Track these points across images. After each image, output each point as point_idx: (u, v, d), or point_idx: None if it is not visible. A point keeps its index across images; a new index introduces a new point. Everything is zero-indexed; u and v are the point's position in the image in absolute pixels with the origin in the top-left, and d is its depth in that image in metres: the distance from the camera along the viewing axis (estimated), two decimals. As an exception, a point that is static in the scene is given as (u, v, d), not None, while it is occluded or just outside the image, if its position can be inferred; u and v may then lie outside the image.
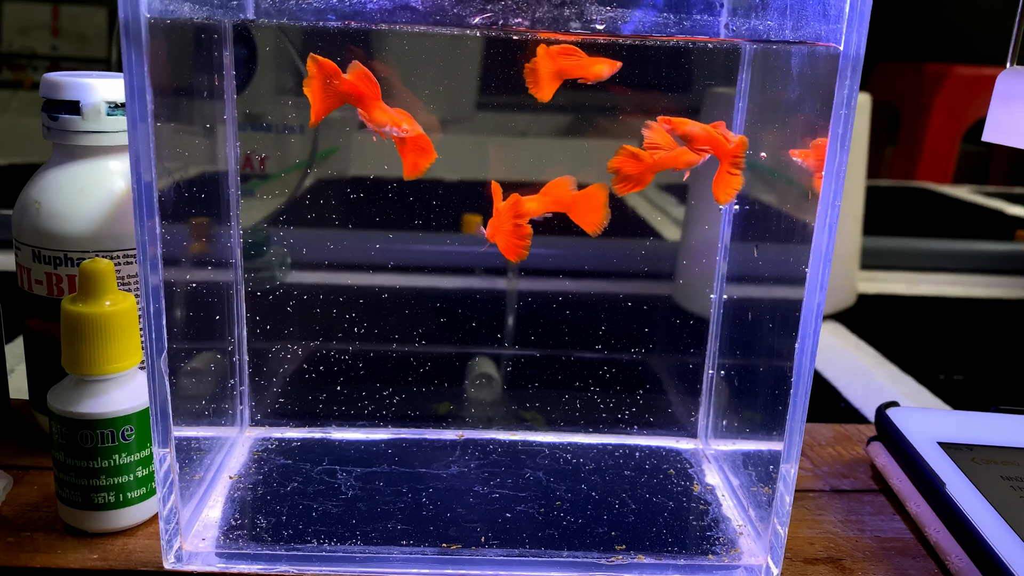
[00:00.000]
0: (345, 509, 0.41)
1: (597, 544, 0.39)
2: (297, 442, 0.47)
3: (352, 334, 0.48)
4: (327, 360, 0.48)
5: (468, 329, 0.49)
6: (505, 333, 0.50)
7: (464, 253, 0.49)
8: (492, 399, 0.50)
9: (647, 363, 0.50)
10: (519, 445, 0.48)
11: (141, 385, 0.39)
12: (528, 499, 0.42)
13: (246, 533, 0.39)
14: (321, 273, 0.48)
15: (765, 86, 0.42)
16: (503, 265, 0.49)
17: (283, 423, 0.48)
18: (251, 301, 0.47)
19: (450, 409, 0.50)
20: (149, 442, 0.39)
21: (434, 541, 0.39)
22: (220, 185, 0.43)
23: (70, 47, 2.79)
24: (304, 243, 0.47)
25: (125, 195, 0.43)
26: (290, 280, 0.47)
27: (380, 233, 0.48)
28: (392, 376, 0.49)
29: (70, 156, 0.43)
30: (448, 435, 0.48)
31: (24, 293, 0.44)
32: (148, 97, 0.32)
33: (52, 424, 0.38)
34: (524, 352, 0.50)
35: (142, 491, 0.39)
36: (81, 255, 0.42)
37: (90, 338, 0.37)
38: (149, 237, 0.34)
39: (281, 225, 0.47)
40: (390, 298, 0.48)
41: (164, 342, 0.35)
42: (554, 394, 0.49)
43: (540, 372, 0.50)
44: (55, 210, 0.42)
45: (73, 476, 0.38)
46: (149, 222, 0.33)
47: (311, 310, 0.48)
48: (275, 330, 0.48)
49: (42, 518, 0.40)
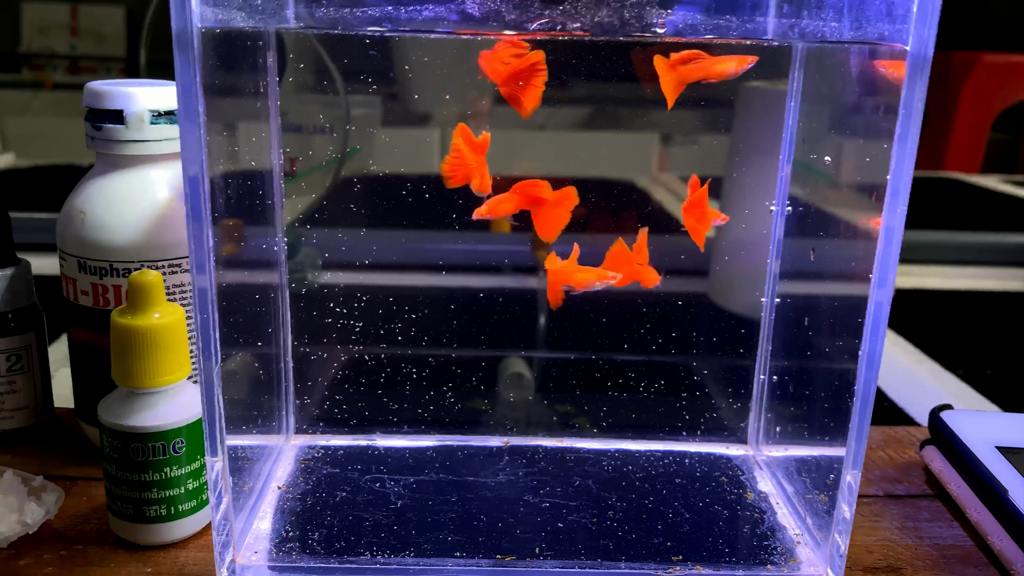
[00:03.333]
0: (396, 519, 0.40)
1: (653, 555, 0.39)
2: (342, 450, 0.47)
3: (394, 338, 0.48)
4: (370, 365, 0.48)
5: (510, 332, 0.49)
6: (547, 336, 0.49)
7: (505, 252, 0.48)
8: (536, 404, 0.49)
9: (693, 367, 0.49)
10: (566, 452, 0.47)
11: (191, 397, 0.39)
12: (579, 508, 0.42)
13: (298, 546, 0.39)
14: (359, 275, 0.47)
15: (819, 86, 0.41)
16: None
17: (327, 431, 0.48)
18: (293, 305, 0.46)
19: (486, 406, 0.49)
20: (199, 454, 0.39)
21: (488, 552, 0.38)
22: (264, 189, 0.43)
23: (88, 46, 2.80)
24: (340, 245, 0.47)
25: (169, 204, 0.42)
26: (329, 282, 0.47)
27: (422, 233, 0.48)
28: (436, 381, 0.48)
29: (114, 165, 0.43)
30: (493, 442, 0.48)
31: (69, 304, 0.43)
32: (200, 109, 0.32)
33: (103, 437, 0.38)
34: (567, 355, 0.49)
35: (193, 503, 0.39)
36: (126, 265, 0.42)
37: (140, 351, 0.37)
38: (203, 249, 0.33)
39: (319, 226, 0.46)
40: (431, 301, 0.48)
41: (218, 353, 0.35)
42: (598, 399, 0.49)
43: (583, 376, 0.49)
44: (100, 220, 0.42)
45: (125, 489, 0.38)
46: (202, 232, 0.33)
47: (352, 314, 0.47)
48: (317, 335, 0.47)
49: (93, 530, 0.40)
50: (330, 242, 0.47)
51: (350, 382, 0.48)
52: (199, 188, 0.32)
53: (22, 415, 0.47)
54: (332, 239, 0.47)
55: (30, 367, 0.46)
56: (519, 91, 0.38)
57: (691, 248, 0.45)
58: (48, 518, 0.39)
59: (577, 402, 0.49)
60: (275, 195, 0.44)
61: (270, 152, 0.43)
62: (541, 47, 0.37)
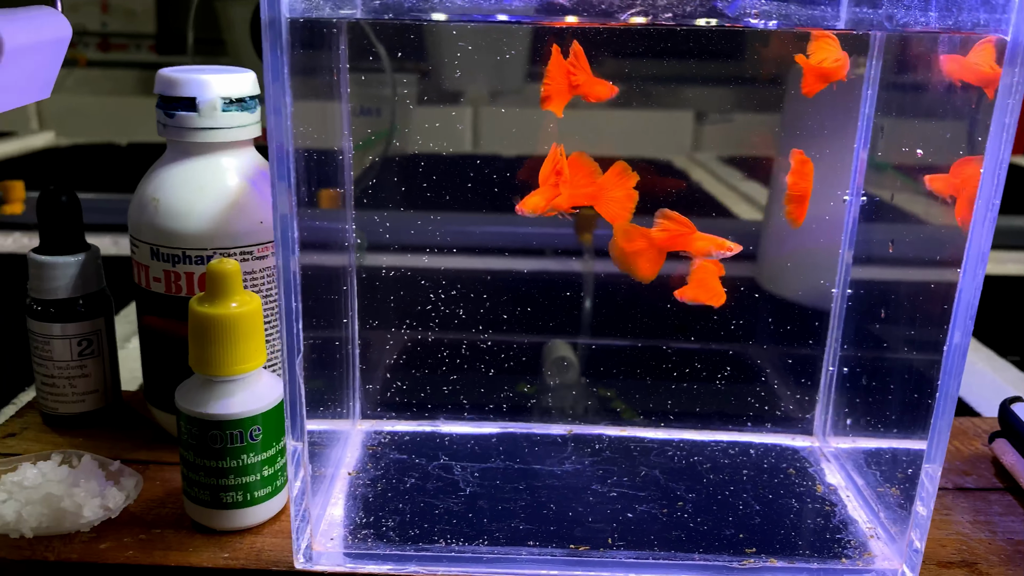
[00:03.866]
0: (467, 507, 0.41)
1: (726, 547, 0.39)
2: (408, 436, 0.47)
3: (457, 323, 0.48)
4: (433, 351, 0.48)
5: (574, 318, 0.49)
6: (606, 323, 0.49)
7: (570, 236, 0.48)
8: (598, 392, 0.49)
9: (754, 355, 0.48)
10: (629, 441, 0.47)
11: (267, 385, 0.39)
12: (648, 499, 0.42)
13: (372, 532, 0.39)
14: (421, 257, 0.47)
15: (900, 74, 0.41)
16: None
17: (391, 416, 0.48)
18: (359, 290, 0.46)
19: (534, 389, 0.49)
20: (275, 442, 0.39)
21: (561, 542, 0.39)
22: (336, 172, 0.43)
23: (119, 23, 2.82)
24: (403, 227, 0.47)
25: (241, 192, 0.42)
26: (391, 265, 0.47)
27: (487, 216, 0.48)
28: (498, 367, 0.49)
29: (185, 153, 0.43)
30: (556, 430, 0.48)
31: (141, 290, 0.44)
32: (288, 100, 0.32)
33: (180, 424, 0.38)
34: (631, 343, 0.49)
35: (267, 490, 0.39)
36: (199, 252, 0.42)
37: (219, 340, 0.37)
38: (289, 243, 0.33)
39: (383, 208, 0.46)
40: (490, 285, 0.48)
41: (301, 344, 0.35)
42: (659, 388, 0.49)
43: (644, 365, 0.49)
44: (173, 208, 0.42)
45: (202, 476, 0.38)
46: (287, 223, 0.33)
47: (413, 299, 0.47)
48: (382, 319, 0.47)
49: (169, 514, 0.41)
50: (389, 224, 0.46)
51: (413, 367, 0.48)
52: (287, 181, 0.32)
53: (92, 399, 0.47)
54: (391, 220, 0.46)
55: (100, 351, 0.47)
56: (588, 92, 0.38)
57: (735, 230, 0.45)
58: (128, 503, 0.39)
59: (638, 391, 0.49)
60: (346, 178, 0.44)
61: (341, 136, 0.43)
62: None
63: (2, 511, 0.38)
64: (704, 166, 0.64)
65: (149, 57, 2.35)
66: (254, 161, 0.44)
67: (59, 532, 0.38)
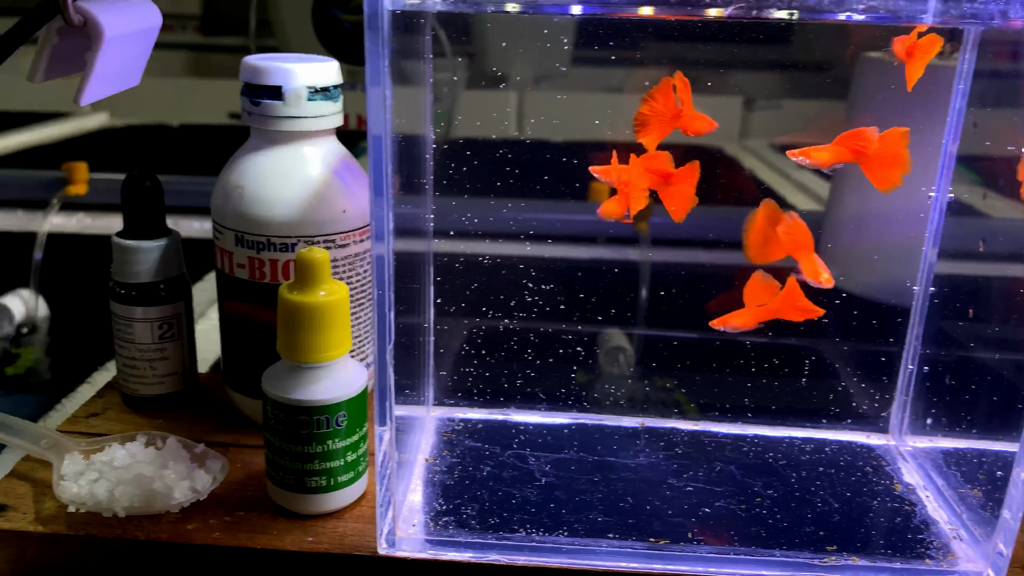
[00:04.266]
0: (544, 497, 0.41)
1: (806, 544, 0.39)
2: (480, 423, 0.47)
3: (529, 312, 0.48)
4: (506, 339, 0.48)
5: (644, 308, 0.49)
6: (684, 315, 0.48)
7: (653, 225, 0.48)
8: (671, 385, 0.49)
9: (832, 353, 0.48)
10: (702, 436, 0.47)
11: (352, 372, 0.39)
12: (725, 494, 0.42)
13: (453, 520, 0.40)
14: (490, 245, 0.47)
15: (996, 68, 0.40)
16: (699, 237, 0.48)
17: (463, 403, 0.49)
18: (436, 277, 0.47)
19: (589, 379, 0.49)
20: (358, 428, 0.40)
21: (640, 535, 0.39)
22: (421, 161, 0.43)
23: (165, 4, 2.85)
24: (478, 214, 0.47)
25: (325, 181, 0.43)
26: (464, 252, 0.47)
27: (561, 203, 0.48)
28: (571, 357, 0.49)
29: (270, 141, 0.43)
30: (628, 422, 0.48)
31: (224, 275, 0.44)
32: (388, 92, 0.32)
33: (267, 408, 0.39)
34: (703, 335, 0.49)
35: (350, 475, 0.40)
36: (283, 240, 0.42)
37: (308, 327, 0.38)
38: (385, 234, 0.34)
39: (460, 195, 0.46)
40: (560, 274, 0.48)
41: (393, 333, 0.35)
42: (734, 382, 0.49)
43: (719, 358, 0.49)
44: (258, 195, 0.42)
45: (288, 460, 0.39)
46: (383, 214, 0.33)
47: (486, 286, 0.47)
48: (454, 307, 0.48)
49: (251, 497, 0.41)
50: (465, 211, 0.46)
51: (485, 355, 0.48)
52: (385, 173, 0.33)
53: (171, 381, 0.48)
54: (466, 207, 0.46)
55: (179, 335, 0.48)
56: None
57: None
58: (215, 486, 0.40)
59: (710, 385, 0.49)
60: (427, 166, 0.44)
61: (425, 123, 0.43)
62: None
63: (94, 490, 0.39)
64: (756, 153, 0.63)
65: (195, 38, 2.37)
66: (337, 150, 0.44)
67: (149, 512, 0.39)
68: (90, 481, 0.40)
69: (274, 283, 0.43)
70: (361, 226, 0.44)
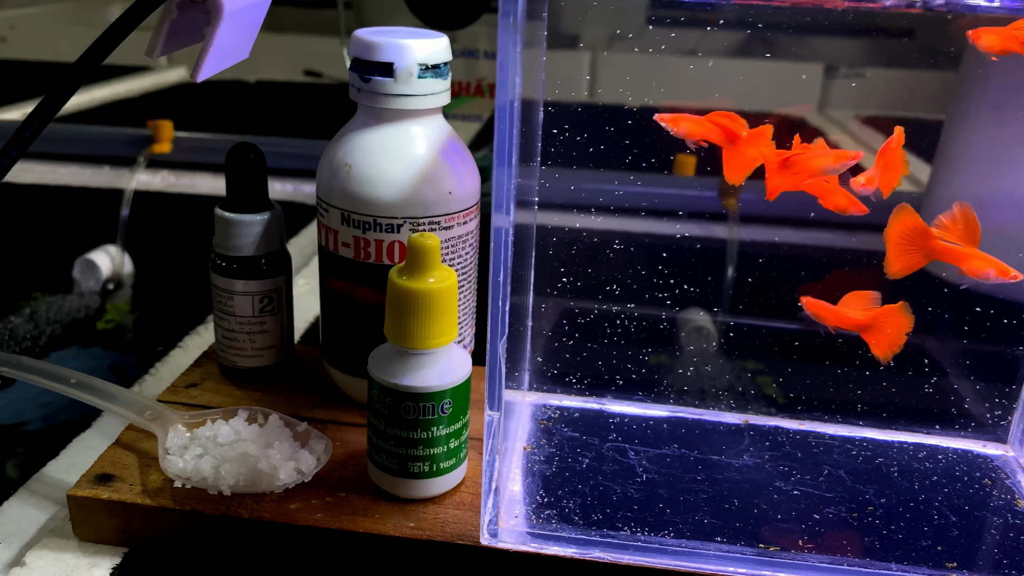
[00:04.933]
0: (647, 495, 0.40)
1: (924, 559, 0.37)
2: (577, 412, 0.47)
3: (630, 299, 0.47)
4: (604, 323, 0.47)
5: (747, 299, 0.47)
6: (792, 309, 0.47)
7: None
8: (773, 381, 0.48)
9: (948, 354, 0.46)
10: (808, 436, 0.45)
11: (457, 360, 0.39)
12: (836, 501, 0.40)
13: (555, 513, 0.39)
14: (589, 224, 0.46)
15: None
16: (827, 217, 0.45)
17: (557, 390, 0.48)
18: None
19: (666, 361, 0.48)
20: (461, 415, 0.39)
21: (749, 540, 0.38)
22: (532, 133, 0.42)
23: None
24: (581, 191, 0.45)
25: (432, 161, 0.42)
26: (565, 234, 0.46)
27: (668, 178, 0.46)
28: (670, 347, 0.47)
29: (378, 119, 0.42)
30: (730, 419, 0.47)
31: (328, 253, 0.44)
32: (517, 78, 0.31)
33: (372, 392, 0.39)
34: (810, 329, 0.47)
35: (452, 462, 0.40)
36: (390, 221, 0.42)
37: (418, 313, 0.37)
38: (503, 203, 0.33)
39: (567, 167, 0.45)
40: (666, 256, 0.46)
41: (506, 325, 0.34)
42: (842, 381, 0.47)
43: (826, 355, 0.47)
44: (366, 174, 0.42)
45: (392, 444, 0.39)
46: (505, 185, 0.32)
47: (586, 267, 0.46)
48: (551, 291, 0.47)
49: (351, 478, 0.41)
50: (569, 186, 0.45)
51: (583, 340, 0.47)
52: (506, 144, 0.31)
53: (269, 354, 0.48)
54: (571, 181, 0.45)
55: (279, 309, 0.48)
56: None
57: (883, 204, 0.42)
58: (319, 468, 0.40)
59: (816, 382, 0.47)
60: (537, 134, 0.42)
61: (539, 86, 0.42)
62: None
63: (199, 466, 0.39)
64: (840, 125, 0.60)
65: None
66: (444, 129, 0.43)
67: (253, 491, 0.39)
68: (195, 456, 0.40)
69: (379, 263, 0.42)
70: (465, 208, 0.43)
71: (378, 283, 0.43)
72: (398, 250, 0.42)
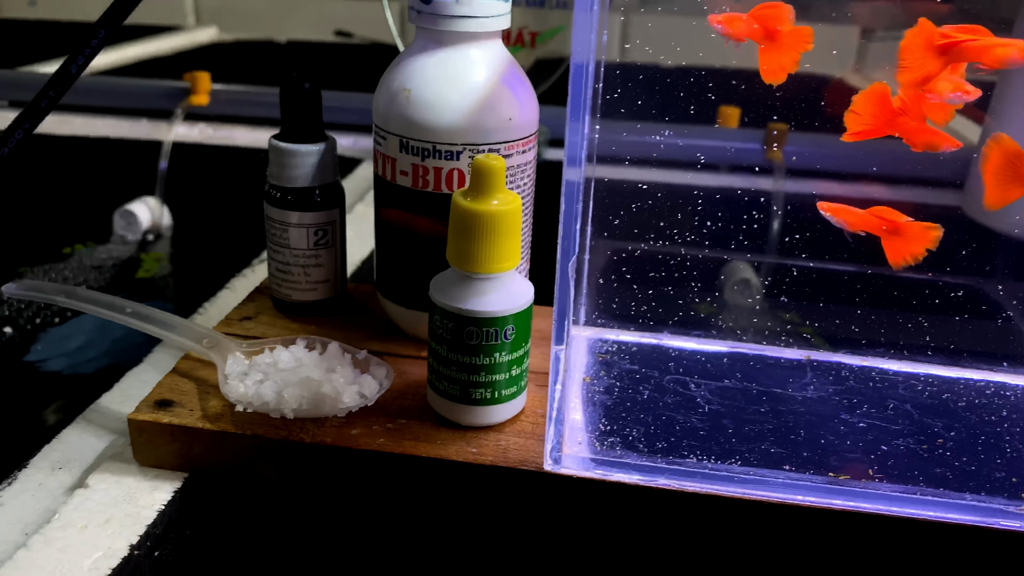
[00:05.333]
0: (712, 425, 0.40)
1: (997, 489, 0.36)
2: (634, 346, 0.46)
3: (686, 237, 0.46)
4: (658, 262, 0.46)
5: (805, 238, 0.46)
6: (851, 249, 0.46)
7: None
8: (834, 317, 0.47)
9: (1006, 295, 0.45)
10: (872, 372, 0.45)
11: (520, 286, 0.38)
12: (904, 433, 0.40)
13: (619, 441, 0.38)
14: (643, 171, 0.45)
15: None
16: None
17: (614, 325, 0.47)
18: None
19: (713, 309, 0.47)
20: (523, 343, 0.39)
21: (817, 469, 0.37)
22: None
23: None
24: (638, 138, 0.45)
25: (492, 87, 0.41)
26: (615, 176, 0.45)
27: (724, 128, 0.45)
28: (722, 284, 0.47)
29: (438, 42, 0.41)
30: (791, 354, 0.46)
31: (384, 182, 0.43)
32: (593, 35, 0.30)
33: (435, 318, 0.38)
34: (874, 270, 0.46)
35: (513, 390, 0.39)
36: (449, 148, 0.41)
37: (484, 236, 0.36)
38: (576, 157, 0.32)
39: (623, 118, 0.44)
40: (717, 201, 0.45)
41: (576, 245, 0.34)
42: (900, 318, 0.46)
43: (888, 294, 0.46)
44: (426, 100, 0.41)
45: (454, 371, 0.38)
46: (578, 138, 0.32)
47: (639, 209, 0.45)
48: (609, 228, 0.46)
49: (411, 406, 0.41)
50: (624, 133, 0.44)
51: (638, 278, 0.47)
52: (581, 97, 0.31)
53: (323, 288, 0.48)
54: (627, 130, 0.44)
55: (333, 242, 0.47)
56: None
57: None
58: (382, 393, 0.40)
59: (877, 320, 0.46)
60: (588, 82, 0.42)
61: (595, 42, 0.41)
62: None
63: (261, 391, 0.39)
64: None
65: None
66: (503, 54, 0.42)
67: (316, 415, 0.39)
68: (256, 382, 0.40)
69: (437, 192, 0.42)
70: (524, 136, 0.42)
71: (436, 212, 0.42)
72: (457, 178, 0.42)
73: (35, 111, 0.32)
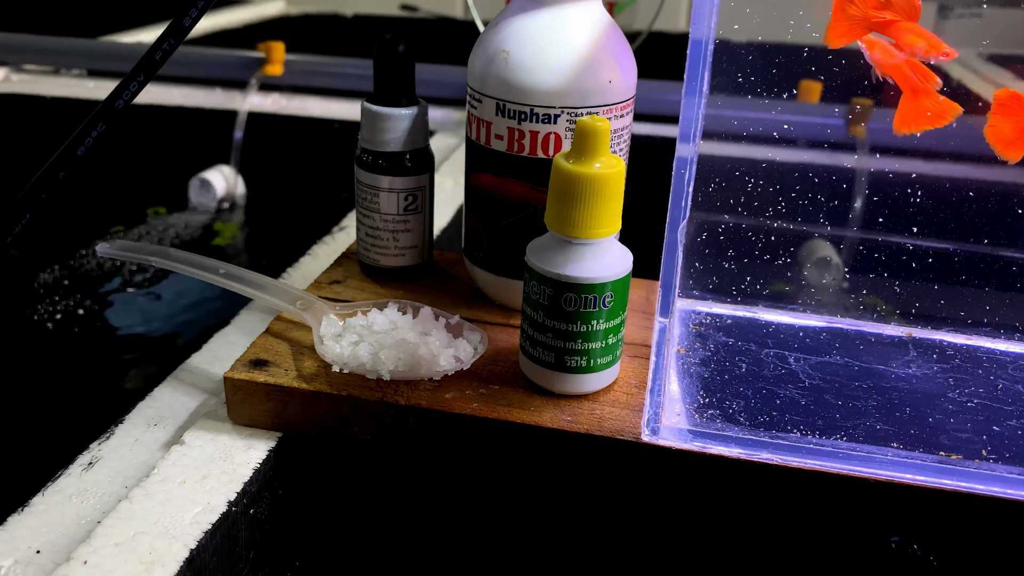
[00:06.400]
0: (814, 400, 0.38)
1: (1121, 475, 0.35)
2: (729, 319, 0.45)
3: (782, 210, 0.44)
4: (754, 234, 0.45)
5: (909, 215, 0.44)
6: (947, 224, 0.44)
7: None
8: (935, 295, 0.45)
9: None
10: (977, 351, 0.43)
11: (618, 253, 0.37)
12: (1016, 414, 0.38)
13: (719, 413, 0.38)
14: (735, 146, 0.44)
15: None
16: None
17: (707, 297, 0.46)
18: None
19: (787, 290, 0.46)
20: (620, 311, 0.38)
21: (928, 447, 0.36)
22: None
23: None
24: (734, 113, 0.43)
25: (592, 48, 0.40)
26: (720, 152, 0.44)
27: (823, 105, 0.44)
28: (822, 259, 0.45)
29: (536, 2, 0.41)
30: (891, 331, 0.44)
31: (478, 147, 0.43)
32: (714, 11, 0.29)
33: (531, 283, 0.38)
34: (973, 248, 0.44)
35: (608, 359, 0.39)
36: (547, 111, 0.40)
37: (585, 200, 0.36)
38: (690, 134, 0.31)
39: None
40: (815, 176, 0.44)
41: (687, 211, 0.33)
42: (1010, 298, 0.44)
43: (995, 269, 0.44)
44: (524, 62, 0.40)
45: (550, 337, 0.38)
46: (693, 114, 0.31)
47: (735, 183, 0.44)
48: (706, 200, 0.45)
49: (502, 372, 0.41)
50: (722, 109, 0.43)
51: (734, 251, 0.46)
52: (698, 74, 0.30)
53: (412, 254, 0.48)
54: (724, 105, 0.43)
55: (422, 208, 0.47)
56: None
57: None
58: (477, 357, 0.39)
59: (980, 299, 0.44)
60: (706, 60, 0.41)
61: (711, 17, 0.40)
62: None
63: (357, 352, 0.39)
64: (964, 63, 0.56)
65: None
66: (602, 15, 0.41)
67: (412, 378, 0.38)
68: (351, 343, 0.40)
69: (532, 156, 0.41)
70: (624, 99, 0.41)
71: (531, 177, 0.42)
72: (553, 142, 0.41)
73: (149, 64, 0.32)
